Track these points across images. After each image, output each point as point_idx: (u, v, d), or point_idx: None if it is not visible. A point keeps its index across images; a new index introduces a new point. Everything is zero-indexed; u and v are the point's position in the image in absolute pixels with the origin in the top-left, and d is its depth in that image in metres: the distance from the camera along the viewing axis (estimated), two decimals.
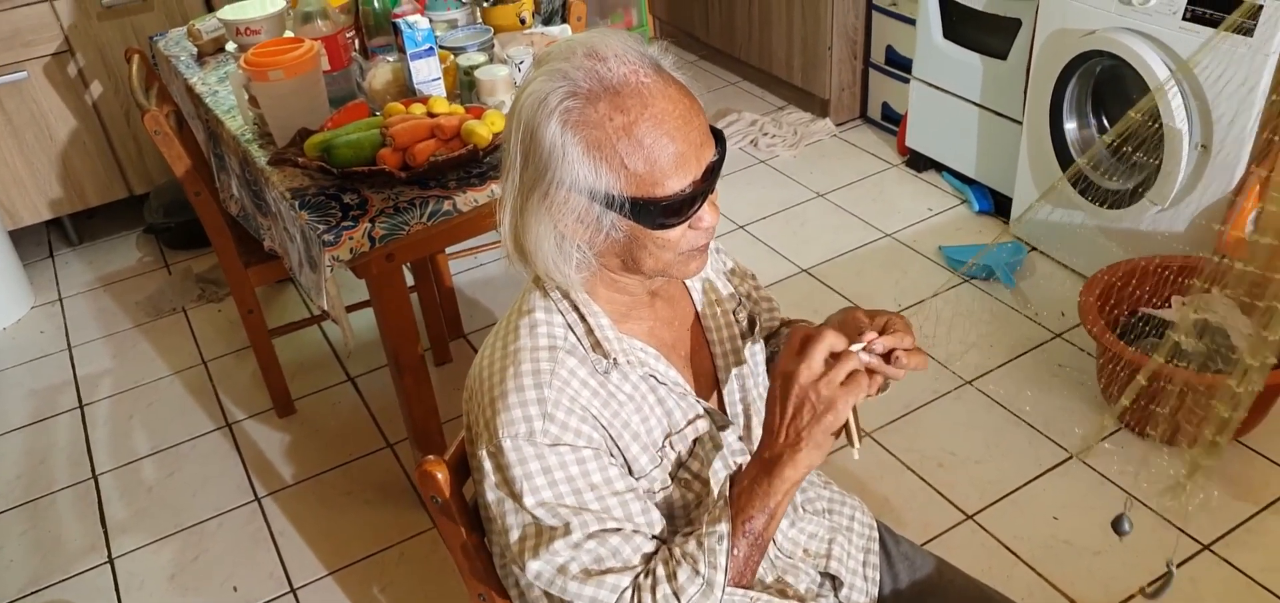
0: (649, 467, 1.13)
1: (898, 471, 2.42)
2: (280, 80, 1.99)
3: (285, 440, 2.74)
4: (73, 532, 2.52)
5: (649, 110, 0.99)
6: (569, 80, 1.00)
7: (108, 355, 3.16)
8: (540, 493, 1.06)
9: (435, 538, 2.38)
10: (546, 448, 1.06)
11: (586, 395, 1.09)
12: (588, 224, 1.04)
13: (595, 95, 0.99)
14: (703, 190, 1.04)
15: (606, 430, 1.10)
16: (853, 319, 1.15)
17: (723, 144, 1.07)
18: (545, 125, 1.00)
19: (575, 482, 1.07)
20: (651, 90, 1.00)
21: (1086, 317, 2.42)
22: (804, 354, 1.04)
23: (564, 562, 1.06)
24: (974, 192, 3.42)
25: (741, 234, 3.44)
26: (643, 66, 1.01)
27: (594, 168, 1.00)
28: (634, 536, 1.09)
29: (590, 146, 0.99)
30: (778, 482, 1.07)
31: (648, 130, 0.99)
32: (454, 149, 1.87)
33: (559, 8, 2.69)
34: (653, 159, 1.00)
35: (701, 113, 1.05)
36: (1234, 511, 2.22)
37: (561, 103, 0.99)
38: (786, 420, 1.05)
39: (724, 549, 1.07)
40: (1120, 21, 2.61)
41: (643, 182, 1.00)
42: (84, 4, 3.37)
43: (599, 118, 0.99)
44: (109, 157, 3.62)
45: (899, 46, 3.76)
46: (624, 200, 1.01)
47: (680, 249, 1.07)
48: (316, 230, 1.77)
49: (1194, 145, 2.53)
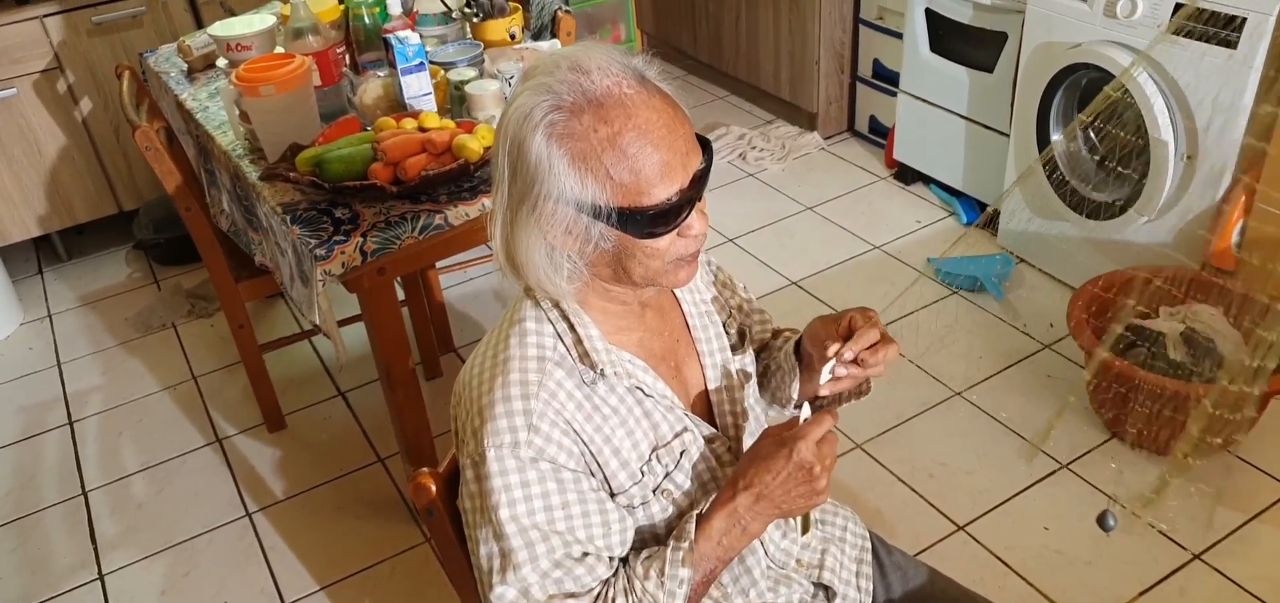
0: (628, 483, 1.14)
1: (889, 482, 2.43)
2: (271, 96, 2.00)
3: (276, 456, 2.73)
4: (62, 549, 2.50)
5: (633, 121, 1.00)
6: (553, 94, 1.01)
7: (97, 372, 3.15)
8: (515, 508, 1.07)
9: (427, 552, 2.37)
10: (528, 462, 1.07)
11: (571, 409, 1.10)
12: (577, 235, 1.04)
13: (579, 108, 1.00)
14: (690, 198, 1.04)
15: (587, 446, 1.11)
16: (817, 337, 1.24)
17: (710, 152, 1.08)
18: (531, 139, 1.01)
19: (549, 499, 1.08)
20: (635, 101, 1.01)
21: (1075, 328, 2.44)
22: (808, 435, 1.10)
23: (528, 585, 1.09)
24: (962, 204, 3.44)
25: (730, 247, 3.45)
26: (626, 77, 1.02)
27: (580, 179, 1.00)
28: (596, 564, 1.12)
29: (576, 158, 1.00)
30: (745, 536, 1.13)
31: (632, 140, 1.00)
32: (445, 163, 1.88)
33: (548, 23, 2.70)
34: (638, 169, 1.00)
35: (687, 121, 1.06)
36: (1223, 520, 2.23)
37: (546, 116, 1.00)
38: (778, 484, 1.10)
39: (683, 594, 1.11)
40: (1105, 34, 2.63)
41: (629, 191, 1.01)
42: (74, 20, 3.37)
43: (583, 130, 1.00)
44: (98, 173, 3.62)
45: (886, 60, 3.78)
46: (611, 211, 1.02)
47: (669, 258, 1.07)
48: (308, 245, 1.77)
49: (1180, 157, 2.55)
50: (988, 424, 2.57)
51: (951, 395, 2.67)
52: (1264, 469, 2.34)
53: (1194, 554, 2.16)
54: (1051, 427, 2.47)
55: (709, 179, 1.07)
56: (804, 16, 3.83)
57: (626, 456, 1.14)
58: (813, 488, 1.10)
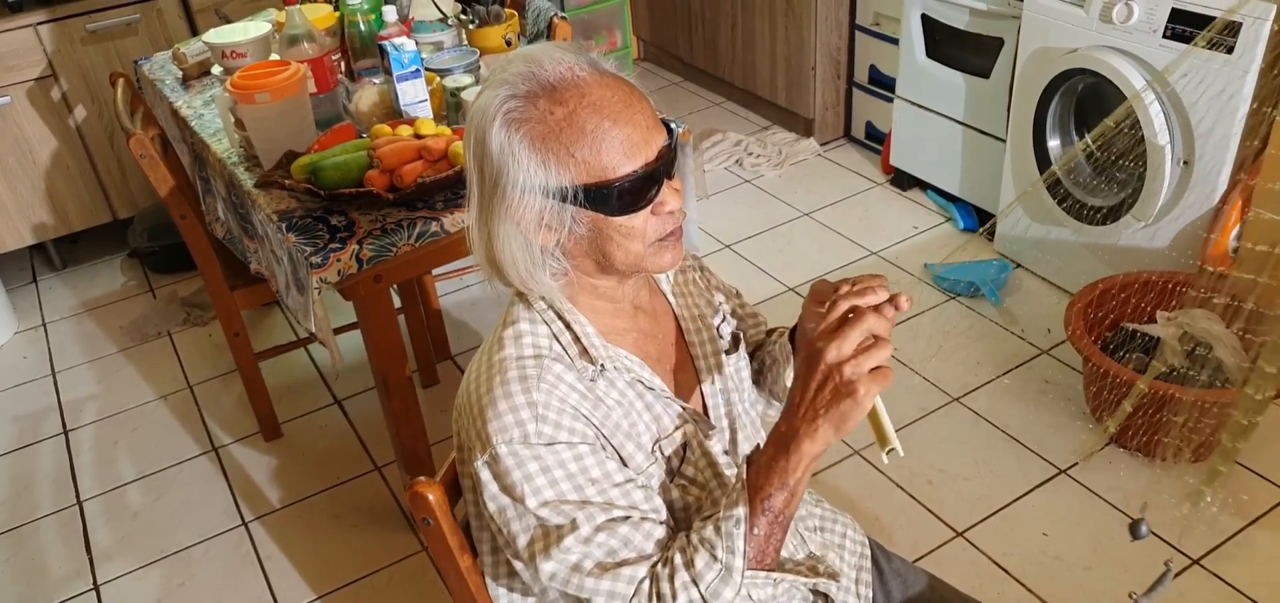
0: (645, 464, 1.12)
1: (887, 488, 2.42)
2: (266, 103, 1.99)
3: (272, 464, 2.72)
4: (57, 559, 2.49)
5: (587, 98, 1.03)
6: (508, 85, 1.04)
7: (92, 380, 3.14)
8: (542, 493, 1.05)
9: (424, 561, 2.36)
10: (543, 448, 1.05)
11: (575, 398, 1.09)
12: (551, 225, 1.05)
13: (534, 94, 1.03)
14: (656, 173, 1.05)
15: (599, 429, 1.09)
16: (820, 289, 1.12)
17: (674, 133, 1.09)
18: (490, 130, 1.03)
19: (576, 478, 1.06)
20: (588, 81, 1.04)
21: (1073, 333, 2.44)
22: (839, 334, 1.00)
23: (577, 559, 1.05)
24: (959, 209, 3.44)
25: (727, 253, 3.44)
26: (578, 63, 1.05)
27: (543, 163, 1.02)
28: (643, 522, 1.07)
29: (536, 142, 1.02)
30: (794, 458, 1.02)
31: (588, 116, 1.02)
32: (441, 170, 1.87)
33: (544, 29, 2.70)
34: (597, 144, 1.02)
35: (646, 101, 1.07)
36: (1223, 525, 2.23)
37: (502, 106, 1.03)
38: (808, 397, 1.01)
39: (742, 533, 1.04)
40: (1101, 39, 2.63)
41: (592, 169, 1.02)
42: (68, 28, 3.36)
43: (540, 114, 1.02)
44: (93, 181, 3.61)
45: (882, 66, 3.78)
46: (577, 190, 1.03)
47: (648, 239, 1.08)
48: (304, 253, 1.77)
49: (1176, 161, 2.55)
50: (986, 430, 2.56)
51: (949, 401, 2.67)
52: (1262, 475, 2.34)
53: (1193, 560, 2.16)
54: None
55: (677, 159, 1.08)
56: (800, 22, 3.83)
57: (638, 441, 1.12)
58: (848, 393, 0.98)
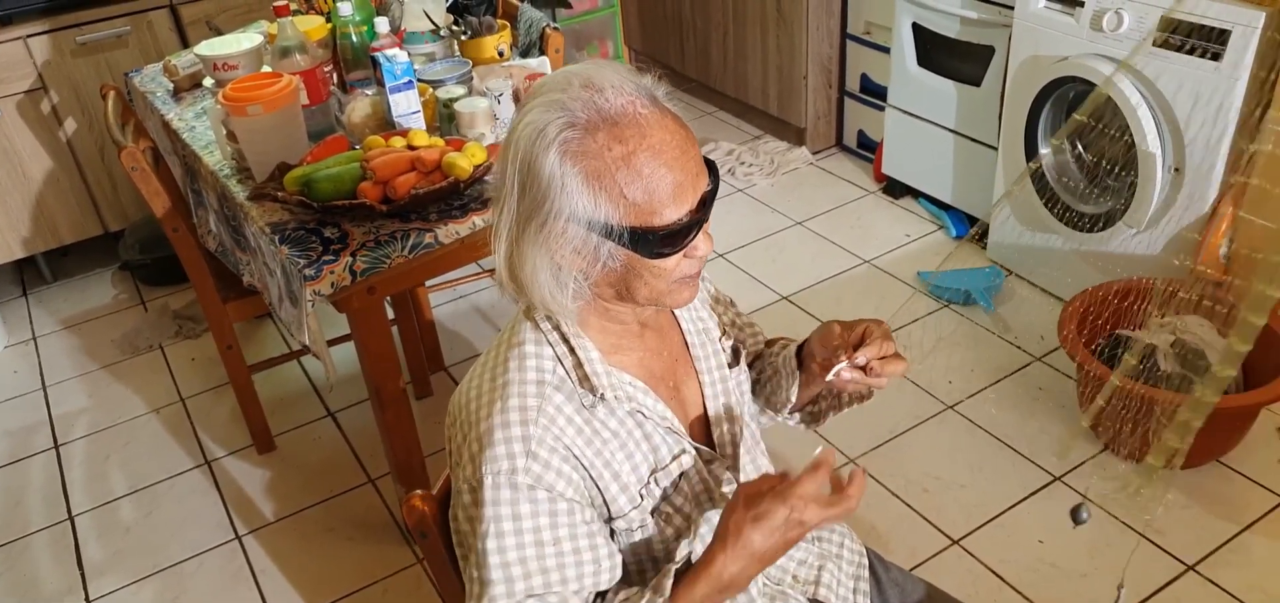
0: (627, 508, 1.13)
1: (883, 496, 2.42)
2: (259, 115, 1.99)
3: (265, 477, 2.71)
4: (49, 575, 2.47)
5: (647, 140, 1.00)
6: (567, 111, 0.99)
7: (83, 394, 3.12)
8: (503, 539, 1.06)
9: (419, 574, 2.35)
10: (525, 490, 1.06)
11: (571, 434, 1.09)
12: (585, 255, 1.03)
13: (594, 126, 0.99)
14: (698, 220, 1.04)
15: (587, 471, 1.10)
16: (829, 333, 1.21)
17: (716, 174, 1.08)
18: (543, 156, 0.99)
19: (540, 534, 1.06)
20: (649, 121, 1.01)
21: (1066, 340, 2.44)
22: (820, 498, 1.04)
23: None
24: (951, 217, 3.45)
25: (721, 263, 3.44)
26: (640, 97, 1.01)
27: (593, 198, 0.99)
28: (572, 599, 1.09)
29: (589, 177, 0.99)
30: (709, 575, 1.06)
31: (646, 160, 0.99)
32: (435, 181, 1.87)
33: (537, 40, 2.69)
34: (651, 189, 1.00)
35: (696, 143, 1.05)
36: (1217, 530, 2.23)
37: (560, 133, 0.99)
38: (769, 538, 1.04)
39: None
40: (1092, 48, 2.64)
41: (641, 211, 1.00)
42: (58, 40, 3.35)
43: (598, 148, 0.99)
44: (83, 193, 3.59)
45: (874, 75, 3.79)
46: (623, 230, 1.01)
47: (674, 278, 1.07)
48: (297, 265, 1.76)
49: (1167, 168, 2.56)
50: (980, 438, 2.56)
51: (944, 409, 2.67)
52: (1255, 480, 2.34)
53: (1187, 565, 2.16)
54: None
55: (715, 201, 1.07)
56: (791, 32, 3.84)
57: (626, 479, 1.13)
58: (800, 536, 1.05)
